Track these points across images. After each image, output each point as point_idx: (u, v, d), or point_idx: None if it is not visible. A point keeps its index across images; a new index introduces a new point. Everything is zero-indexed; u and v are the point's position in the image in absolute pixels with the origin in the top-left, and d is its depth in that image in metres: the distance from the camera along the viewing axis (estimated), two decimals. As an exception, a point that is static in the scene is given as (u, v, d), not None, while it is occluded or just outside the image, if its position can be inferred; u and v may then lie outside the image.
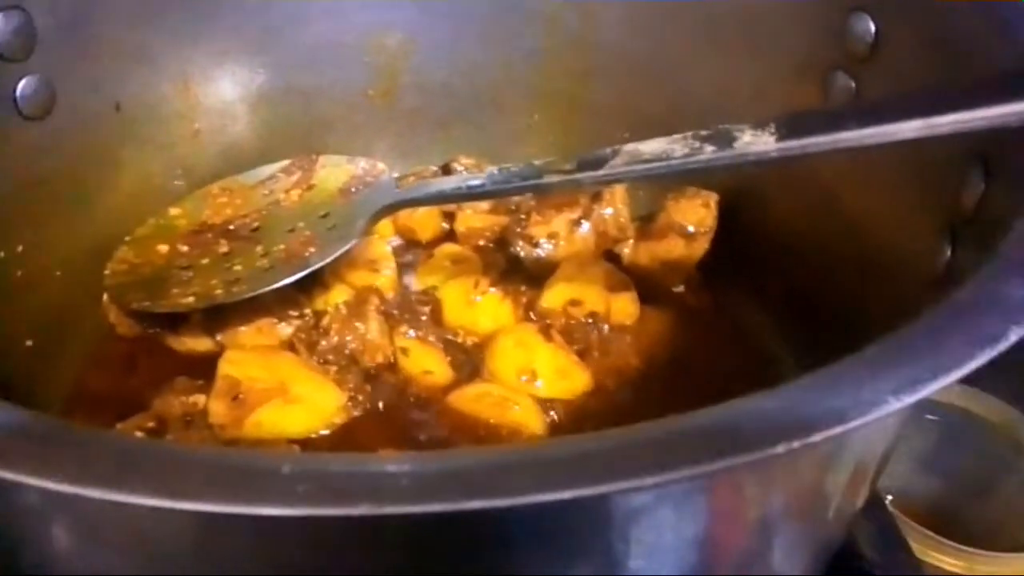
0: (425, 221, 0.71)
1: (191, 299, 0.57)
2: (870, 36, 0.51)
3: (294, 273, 0.57)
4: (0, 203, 0.52)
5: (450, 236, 0.71)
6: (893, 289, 0.50)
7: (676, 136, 0.45)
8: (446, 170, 0.73)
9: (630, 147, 0.46)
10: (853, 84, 0.54)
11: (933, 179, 0.45)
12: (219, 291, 0.57)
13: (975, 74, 0.43)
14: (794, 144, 0.40)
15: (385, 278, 0.66)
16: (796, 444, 0.22)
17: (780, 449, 0.22)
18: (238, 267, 0.60)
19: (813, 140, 0.40)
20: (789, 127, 0.41)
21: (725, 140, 0.42)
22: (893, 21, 0.50)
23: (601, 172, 0.46)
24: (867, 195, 0.53)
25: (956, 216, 0.43)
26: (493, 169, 0.52)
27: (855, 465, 0.37)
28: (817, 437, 0.23)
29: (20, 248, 0.54)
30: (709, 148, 0.43)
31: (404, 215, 0.69)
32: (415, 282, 0.67)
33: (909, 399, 0.25)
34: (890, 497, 0.64)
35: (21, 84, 0.53)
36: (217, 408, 0.53)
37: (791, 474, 0.32)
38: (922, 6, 0.48)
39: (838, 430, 0.23)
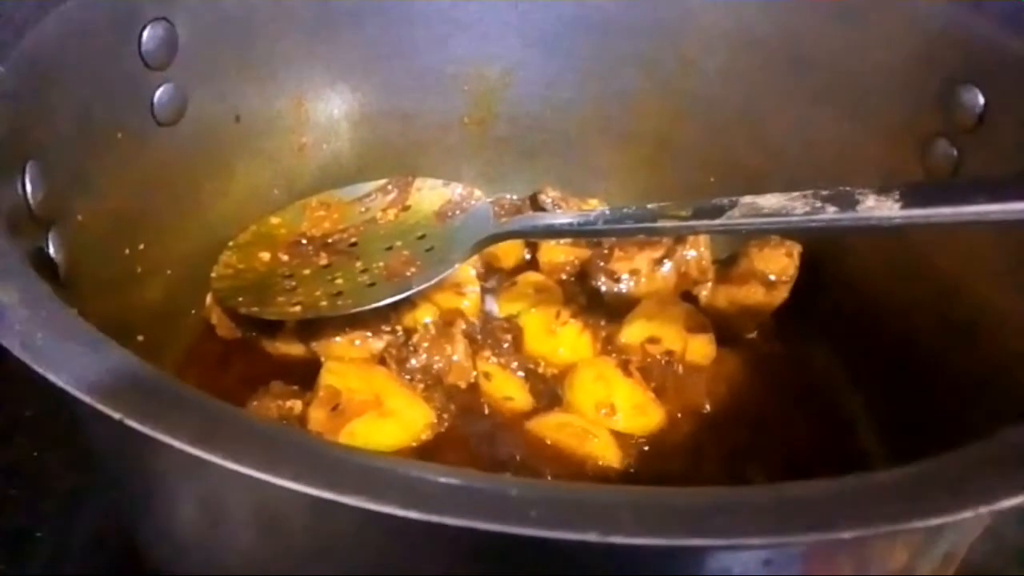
0: (509, 249, 0.73)
1: (297, 308, 0.59)
2: (978, 108, 0.53)
3: (399, 292, 0.59)
4: (132, 202, 0.54)
5: (531, 264, 0.73)
6: (985, 358, 0.51)
7: (795, 193, 0.46)
8: (534, 200, 0.75)
9: (748, 200, 0.47)
10: (955, 153, 0.55)
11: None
12: (324, 303, 0.59)
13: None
14: (919, 213, 0.42)
15: (470, 301, 0.67)
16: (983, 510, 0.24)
17: (968, 514, 0.24)
18: (339, 280, 0.62)
19: (939, 211, 0.41)
20: (914, 195, 0.42)
21: (847, 202, 0.44)
22: (1004, 96, 0.52)
23: (718, 222, 0.47)
24: (963, 259, 0.53)
25: (1065, 293, 0.44)
26: (604, 208, 0.54)
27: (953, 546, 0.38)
28: (997, 506, 0.24)
29: (142, 246, 0.56)
30: (831, 209, 0.44)
31: (490, 245, 0.71)
32: (498, 308, 0.69)
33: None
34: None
35: (159, 91, 0.55)
36: (317, 416, 0.55)
37: (917, 545, 0.33)
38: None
39: (1012, 502, 0.25)
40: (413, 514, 0.22)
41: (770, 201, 0.47)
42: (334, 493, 0.23)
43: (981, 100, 0.53)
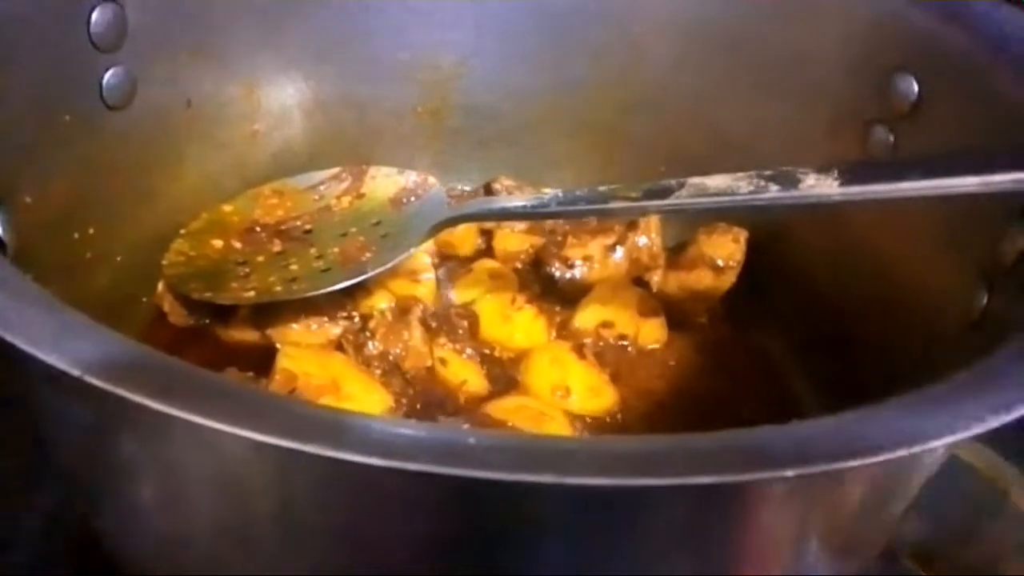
0: (464, 237, 0.73)
1: (252, 293, 0.59)
2: (913, 95, 0.55)
3: (354, 276, 0.59)
4: (81, 186, 0.53)
5: (486, 252, 0.74)
6: (922, 331, 0.53)
7: (740, 174, 0.48)
8: (488, 189, 0.76)
9: (695, 180, 0.49)
10: (892, 138, 0.57)
11: (971, 228, 0.48)
12: (279, 288, 0.59)
13: (1017, 138, 0.47)
14: (856, 190, 0.44)
15: (425, 288, 0.68)
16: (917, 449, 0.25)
17: (903, 452, 0.25)
18: (294, 266, 0.62)
19: (875, 188, 0.43)
20: (852, 174, 0.44)
21: (790, 181, 0.46)
22: (937, 83, 0.54)
23: (667, 202, 0.49)
24: (900, 239, 0.56)
25: (994, 265, 0.46)
26: (557, 192, 0.55)
27: (894, 501, 0.40)
28: (936, 443, 0.26)
29: (92, 231, 0.55)
30: (774, 187, 0.46)
31: (445, 230, 0.72)
32: (454, 295, 0.70)
33: (1005, 418, 0.28)
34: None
35: (108, 74, 0.55)
36: (274, 400, 0.54)
37: (857, 496, 0.35)
38: (966, 71, 0.52)
39: (949, 439, 0.26)
40: (376, 461, 0.23)
41: (716, 181, 0.48)
42: (300, 443, 0.23)
43: (915, 87, 0.55)
